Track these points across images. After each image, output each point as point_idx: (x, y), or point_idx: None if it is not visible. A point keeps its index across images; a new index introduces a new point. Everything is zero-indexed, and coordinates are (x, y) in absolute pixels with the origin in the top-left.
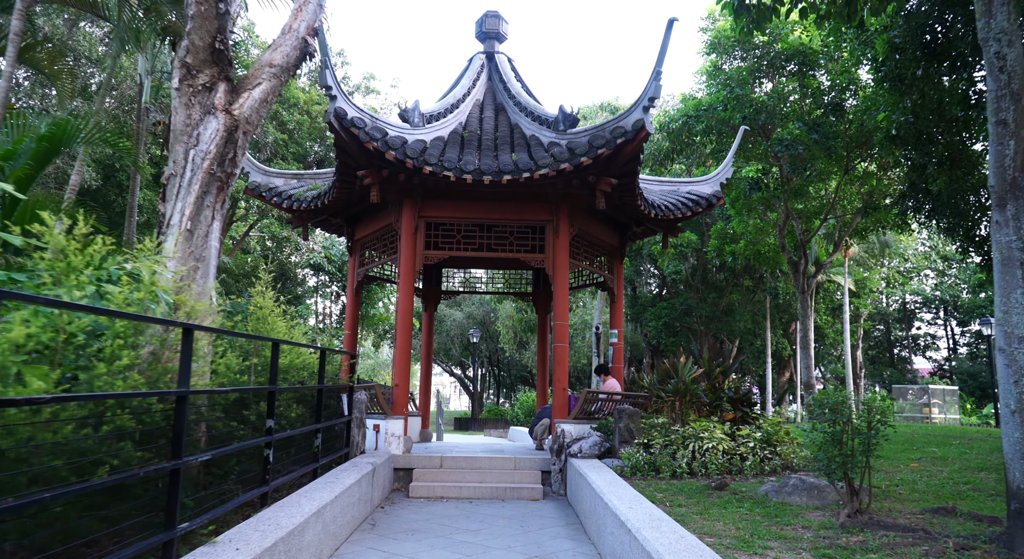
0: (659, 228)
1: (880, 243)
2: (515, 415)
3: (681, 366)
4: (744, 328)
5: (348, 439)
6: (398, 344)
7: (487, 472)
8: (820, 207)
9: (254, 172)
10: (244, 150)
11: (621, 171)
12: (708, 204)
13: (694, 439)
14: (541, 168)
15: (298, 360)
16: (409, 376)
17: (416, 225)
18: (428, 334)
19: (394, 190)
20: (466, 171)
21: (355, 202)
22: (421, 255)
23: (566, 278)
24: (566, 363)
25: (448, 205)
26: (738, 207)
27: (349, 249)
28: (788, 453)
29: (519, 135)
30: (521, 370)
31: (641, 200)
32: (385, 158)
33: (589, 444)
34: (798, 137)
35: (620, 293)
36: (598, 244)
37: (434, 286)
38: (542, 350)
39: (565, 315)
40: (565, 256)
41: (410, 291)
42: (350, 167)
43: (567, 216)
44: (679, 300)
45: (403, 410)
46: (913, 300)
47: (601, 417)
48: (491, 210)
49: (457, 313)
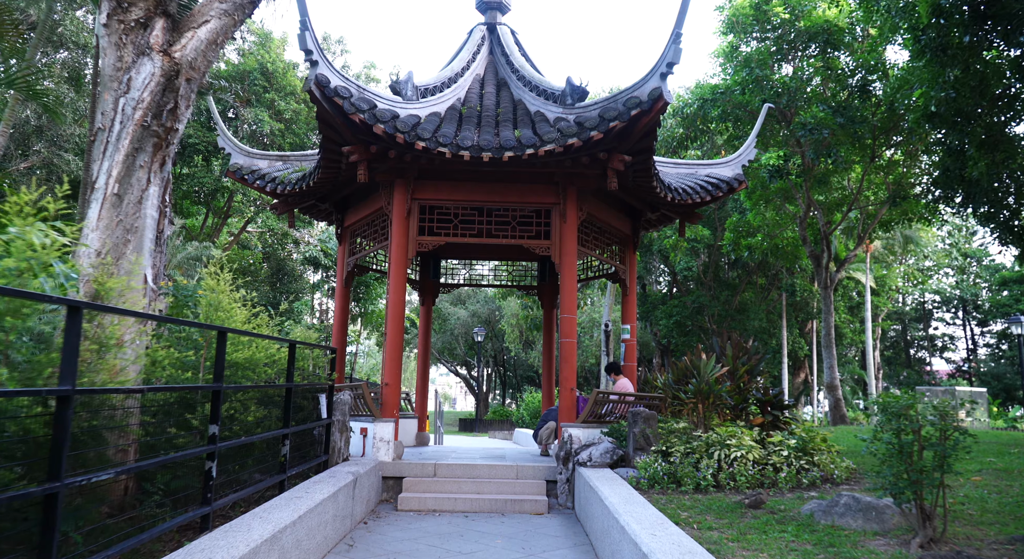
0: (675, 214)
1: (903, 238)
2: (520, 417)
3: (703, 365)
4: (759, 327)
5: (328, 445)
6: (388, 340)
7: (486, 482)
8: (842, 198)
9: (235, 153)
10: (189, 102)
11: (635, 147)
12: (729, 188)
13: (720, 447)
14: (546, 144)
15: (261, 355)
16: (401, 375)
17: (409, 208)
18: (425, 330)
19: (384, 169)
20: (463, 147)
21: (343, 184)
22: (414, 241)
23: (574, 267)
24: (574, 361)
25: (444, 186)
26: (755, 198)
27: (338, 237)
28: (826, 463)
29: (523, 111)
30: (527, 370)
31: (657, 182)
32: (373, 132)
33: (600, 451)
34: (822, 120)
35: (633, 285)
36: (609, 231)
37: (432, 279)
38: (548, 348)
39: (573, 308)
40: (573, 243)
41: (402, 282)
42: (335, 143)
43: (575, 199)
44: (690, 298)
45: (394, 412)
46: (931, 299)
47: (612, 420)
48: (491, 192)
49: (462, 311)
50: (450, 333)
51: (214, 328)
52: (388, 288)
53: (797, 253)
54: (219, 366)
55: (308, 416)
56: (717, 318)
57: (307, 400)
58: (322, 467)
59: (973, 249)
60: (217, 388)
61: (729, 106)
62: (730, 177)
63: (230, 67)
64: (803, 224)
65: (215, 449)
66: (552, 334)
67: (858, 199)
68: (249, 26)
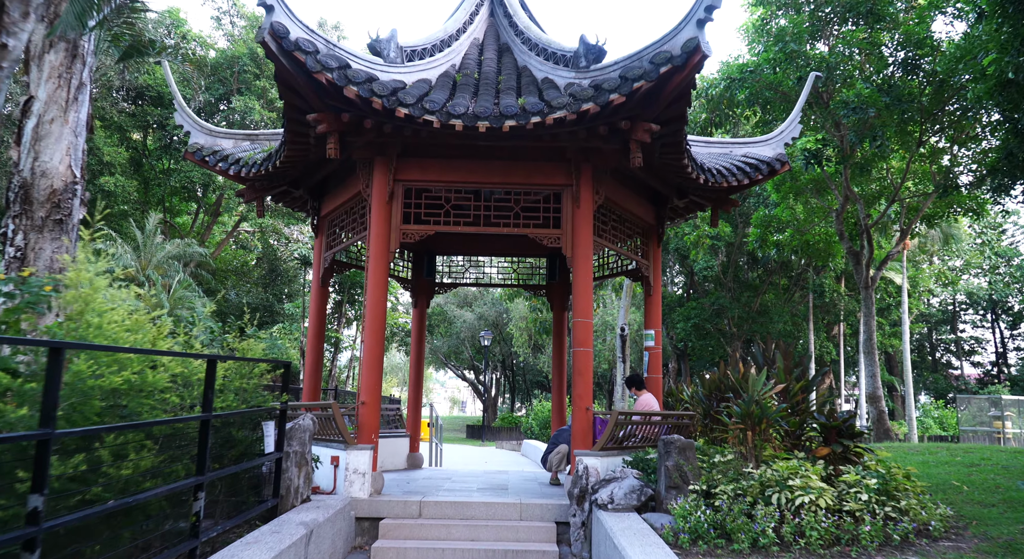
0: (707, 201)
1: (944, 234)
2: (529, 427)
3: (752, 381)
4: (783, 330)
5: (277, 486)
6: (366, 347)
7: (482, 526)
8: (879, 191)
9: (195, 131)
10: None
11: (664, 114)
12: (770, 170)
13: (779, 488)
14: (556, 110)
15: (160, 377)
16: (380, 390)
17: (391, 191)
18: (419, 336)
19: (361, 145)
20: (454, 115)
21: (316, 166)
22: (398, 231)
23: (589, 261)
24: (589, 375)
25: (433, 166)
26: (784, 190)
27: (314, 229)
28: (917, 510)
29: (528, 79)
30: (536, 375)
31: (689, 159)
32: (344, 96)
33: (624, 490)
34: (867, 99)
35: (658, 284)
36: (629, 220)
37: (426, 277)
38: (559, 354)
39: (588, 310)
40: (588, 232)
41: (382, 279)
42: (299, 111)
43: (591, 180)
44: (709, 300)
45: (371, 437)
46: (958, 301)
47: (635, 445)
48: (490, 172)
49: (468, 314)
50: (456, 336)
51: (42, 343)
52: (366, 286)
53: (831, 250)
54: (49, 400)
55: (241, 454)
56: (737, 321)
57: (244, 431)
58: (270, 515)
59: (1004, 248)
60: (43, 436)
61: (758, 87)
62: (771, 157)
63: (218, 53)
64: (840, 217)
65: (30, 533)
66: (563, 339)
67: (902, 188)
68: (239, 8)
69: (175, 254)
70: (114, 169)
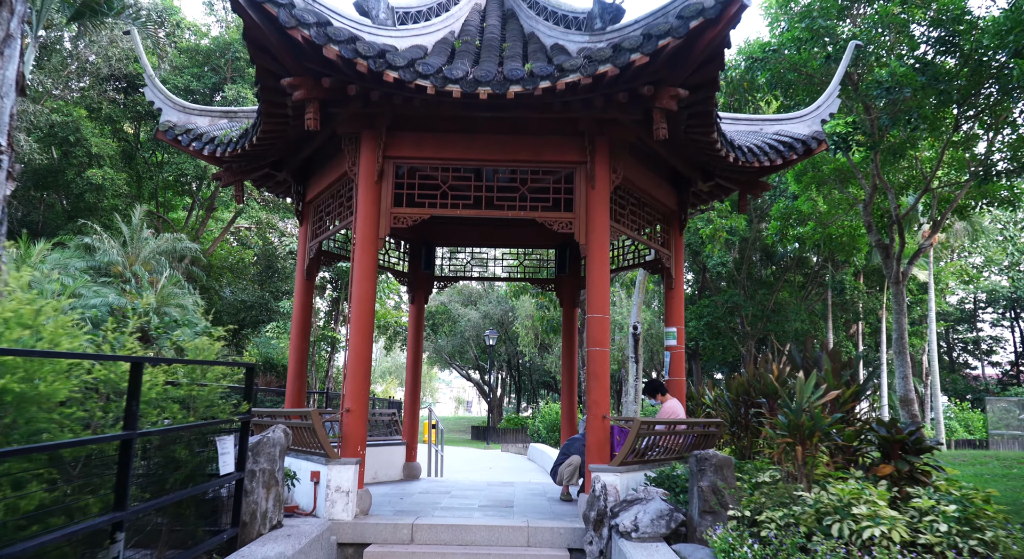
0: (734, 184)
1: (973, 227)
2: (536, 429)
3: (801, 385)
4: (800, 329)
5: (237, 513)
6: (352, 348)
7: (484, 555)
8: (907, 181)
9: (167, 108)
10: None
11: (693, 78)
12: (806, 149)
13: (841, 516)
14: (568, 74)
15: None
16: (368, 396)
17: (380, 169)
18: (416, 333)
19: (346, 117)
20: (452, 80)
21: (298, 144)
22: (388, 214)
23: (605, 248)
24: (606, 378)
25: (428, 141)
26: (805, 181)
27: (299, 216)
28: (1007, 544)
29: (536, 46)
30: (543, 375)
31: (718, 134)
32: (324, 57)
33: (651, 515)
34: (902, 77)
35: (680, 276)
36: (649, 204)
37: (424, 270)
38: (568, 354)
39: (605, 303)
40: (604, 216)
41: (369, 269)
42: (273, 76)
43: (607, 156)
44: (723, 297)
45: (357, 449)
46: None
47: (658, 458)
48: (493, 148)
49: (472, 312)
50: (460, 335)
51: None
52: (351, 277)
53: (855, 244)
54: None
55: (187, 477)
56: (751, 320)
57: (192, 450)
58: (229, 548)
59: None
60: None
61: (781, 68)
62: (807, 135)
63: (211, 41)
64: (868, 208)
65: None
66: (573, 337)
67: (934, 177)
68: None
69: (164, 249)
70: (103, 161)
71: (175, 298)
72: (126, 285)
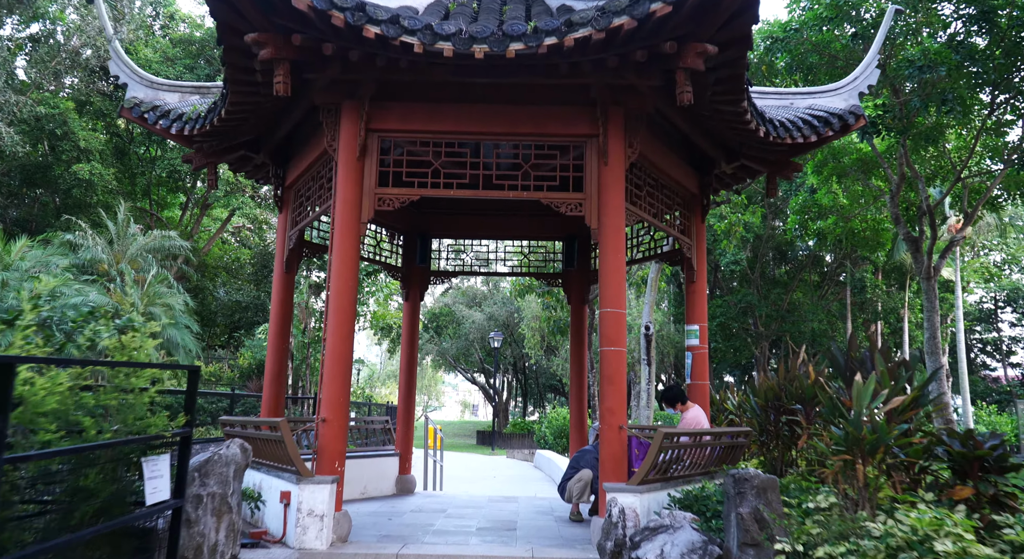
0: (762, 165)
1: (1001, 223)
2: (543, 435)
3: (859, 390)
4: (817, 330)
5: (174, 550)
6: (329, 348)
7: None
8: (935, 170)
9: (134, 83)
10: None
11: (722, 34)
12: (843, 125)
13: (919, 554)
14: (578, 28)
15: None
16: (347, 403)
17: (363, 144)
18: (411, 333)
19: (324, 84)
20: (442, 36)
21: (274, 119)
22: (371, 195)
23: (621, 232)
24: (623, 382)
25: (418, 112)
26: (826, 172)
27: (278, 202)
28: None
29: (541, 8)
30: (550, 378)
31: (749, 104)
32: (294, 9)
33: (680, 549)
34: (936, 55)
35: (702, 268)
36: (668, 186)
37: (419, 264)
38: (577, 356)
39: (620, 297)
40: (619, 195)
41: (350, 257)
42: (238, 33)
43: (622, 129)
44: (736, 297)
45: (334, 465)
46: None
47: (681, 474)
48: (491, 120)
49: (477, 314)
50: (465, 338)
51: None
52: (329, 267)
53: (879, 238)
54: None
55: (123, 499)
56: (765, 320)
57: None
58: None
59: None
60: None
61: (802, 50)
62: (843, 109)
63: (204, 32)
64: (895, 198)
65: None
66: (583, 337)
67: (966, 166)
68: None
69: (153, 247)
70: (91, 156)
71: (162, 297)
72: (111, 284)
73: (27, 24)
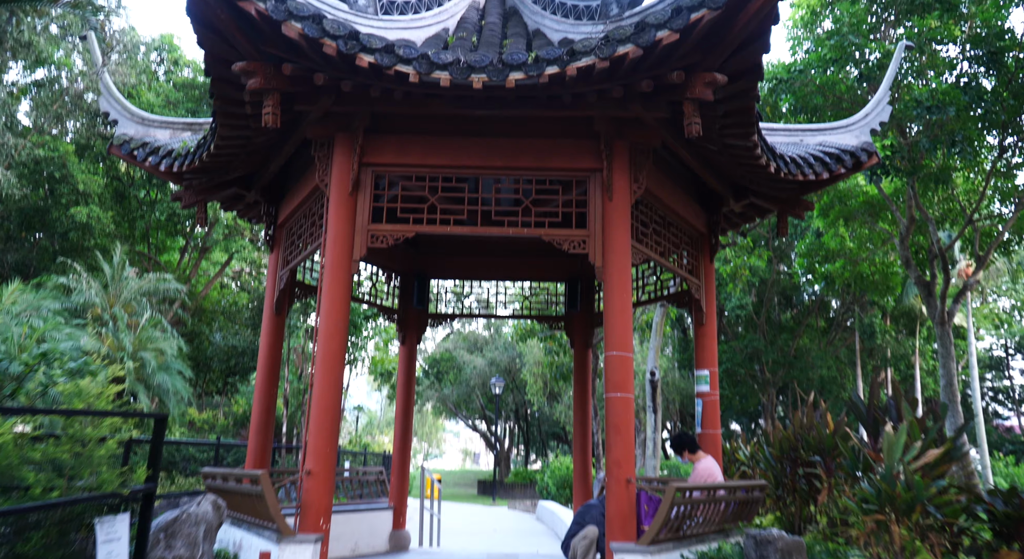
0: (772, 203)
1: (1011, 267)
2: (545, 485)
3: (890, 442)
4: (826, 376)
5: None
6: (316, 394)
7: None
8: (943, 214)
9: (125, 120)
10: None
11: (732, 63)
12: (855, 162)
13: None
14: (580, 57)
15: None
16: (335, 454)
17: (355, 178)
18: (407, 379)
19: (317, 117)
20: (439, 65)
21: (266, 154)
22: (364, 232)
23: (627, 271)
24: (630, 432)
25: (414, 145)
26: (832, 215)
27: (269, 242)
28: None
29: (542, 41)
30: (552, 426)
31: (759, 139)
32: (284, 37)
33: None
34: (945, 95)
35: (712, 310)
36: (675, 224)
37: (417, 306)
38: (581, 403)
39: (627, 339)
40: (624, 232)
41: (340, 297)
42: (225, 63)
43: (627, 162)
44: (741, 342)
45: (318, 523)
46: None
47: (694, 531)
48: (491, 153)
49: (479, 359)
50: (466, 384)
51: None
52: (318, 307)
53: (888, 282)
54: None
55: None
56: (772, 366)
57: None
58: None
59: None
60: None
61: (806, 92)
62: (855, 146)
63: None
64: (905, 241)
65: None
66: (586, 383)
67: (977, 209)
68: None
69: (148, 290)
70: (90, 199)
71: (154, 342)
72: (103, 328)
73: (33, 69)
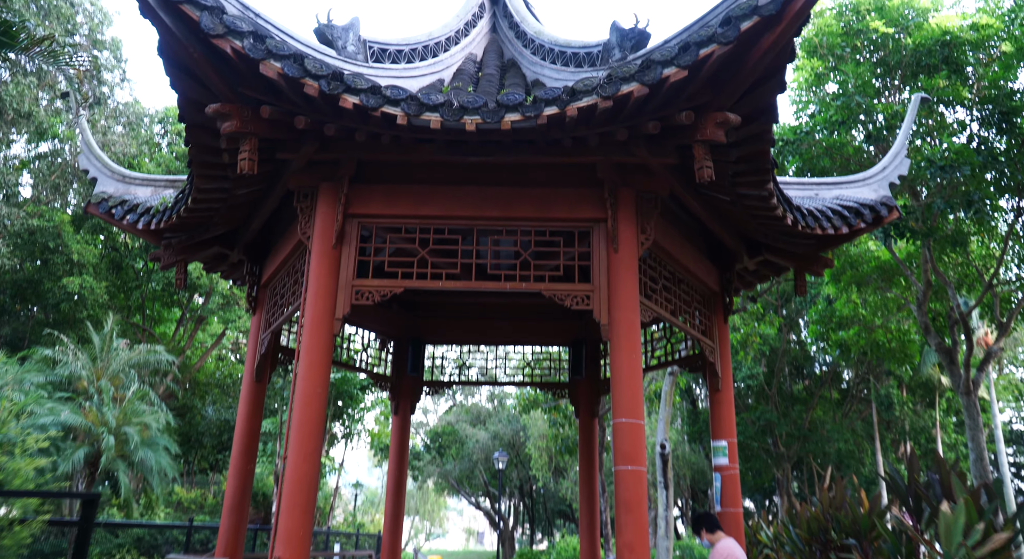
0: (788, 259)
1: None
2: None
3: (948, 524)
4: (843, 450)
5: None
6: (290, 468)
7: None
8: (960, 278)
9: (104, 177)
10: None
11: (744, 104)
12: (875, 217)
13: None
14: (581, 97)
15: None
16: (310, 538)
17: (340, 230)
18: (399, 451)
19: (300, 166)
20: (429, 106)
21: (248, 209)
22: (348, 288)
23: (636, 329)
24: (643, 509)
25: (403, 195)
26: (844, 281)
27: (251, 304)
28: None
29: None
30: (558, 503)
31: (775, 188)
32: (262, 77)
33: None
34: (957, 155)
35: (727, 374)
36: (685, 281)
37: (411, 373)
38: (587, 477)
39: (637, 404)
40: (632, 286)
41: (320, 360)
42: (200, 106)
43: (633, 212)
44: (753, 414)
45: None
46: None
47: None
48: (487, 203)
49: (481, 433)
50: (468, 458)
51: None
52: (295, 372)
53: (906, 350)
54: None
55: None
56: (785, 440)
57: None
58: None
59: None
60: None
61: (813, 154)
62: (874, 200)
63: None
64: (923, 307)
65: None
66: (593, 456)
67: (997, 274)
68: None
69: (137, 362)
70: (84, 269)
71: (140, 416)
72: (87, 402)
73: (36, 143)
